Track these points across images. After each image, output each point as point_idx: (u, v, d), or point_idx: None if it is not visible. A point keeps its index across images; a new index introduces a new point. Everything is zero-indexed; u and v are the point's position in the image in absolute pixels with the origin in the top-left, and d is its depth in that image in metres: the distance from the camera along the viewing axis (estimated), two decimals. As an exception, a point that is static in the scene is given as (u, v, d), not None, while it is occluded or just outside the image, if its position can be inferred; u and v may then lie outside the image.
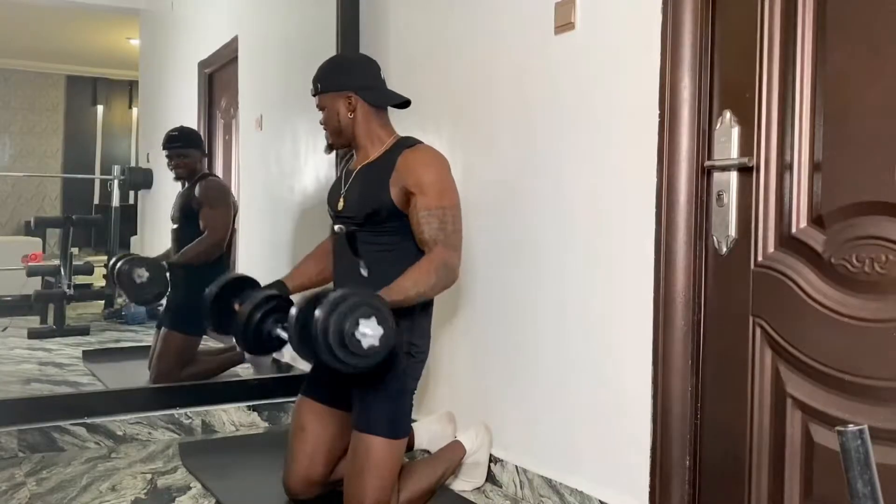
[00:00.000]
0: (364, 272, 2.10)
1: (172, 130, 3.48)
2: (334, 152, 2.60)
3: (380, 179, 2.07)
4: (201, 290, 3.31)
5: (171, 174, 3.45)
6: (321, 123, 2.20)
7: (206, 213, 3.35)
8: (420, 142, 2.15)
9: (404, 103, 2.21)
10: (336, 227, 2.17)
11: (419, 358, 2.12)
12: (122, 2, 4.38)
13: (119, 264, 3.15)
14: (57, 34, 4.42)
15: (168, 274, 3.18)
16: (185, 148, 3.43)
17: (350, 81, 2.15)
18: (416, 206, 2.02)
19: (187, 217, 3.37)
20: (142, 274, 3.09)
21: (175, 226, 3.44)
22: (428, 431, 2.45)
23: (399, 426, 2.06)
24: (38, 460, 2.53)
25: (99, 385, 3.35)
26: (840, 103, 1.57)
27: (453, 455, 2.30)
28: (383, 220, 2.07)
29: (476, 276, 2.48)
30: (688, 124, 1.83)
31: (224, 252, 3.45)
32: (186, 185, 3.42)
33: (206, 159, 3.62)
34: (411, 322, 2.07)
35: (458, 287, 2.53)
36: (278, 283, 2.25)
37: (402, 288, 1.93)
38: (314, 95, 2.18)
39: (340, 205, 2.17)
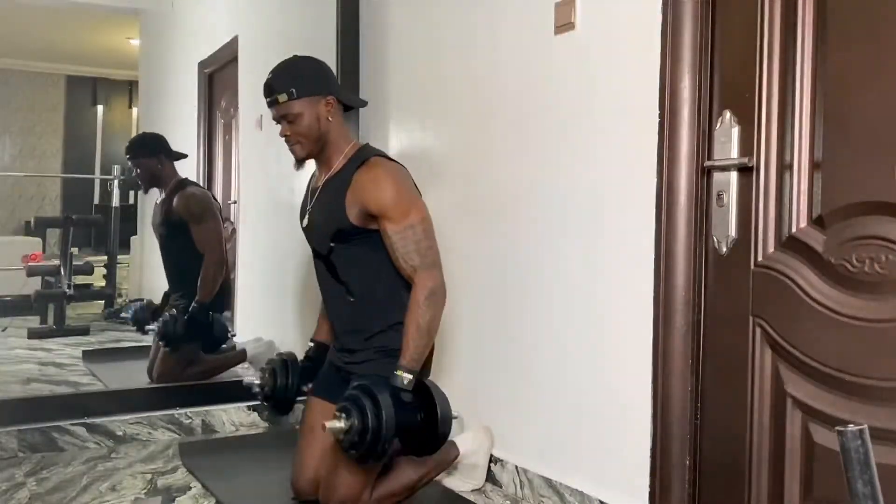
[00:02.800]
0: (351, 298, 2.13)
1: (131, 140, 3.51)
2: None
3: (338, 196, 2.08)
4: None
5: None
6: (289, 134, 2.13)
7: (197, 230, 3.32)
8: (375, 153, 2.14)
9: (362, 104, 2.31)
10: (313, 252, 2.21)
11: None
12: (122, 2, 4.38)
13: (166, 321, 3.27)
14: (57, 34, 4.42)
15: (194, 313, 3.27)
16: (138, 158, 3.40)
17: (327, 84, 2.15)
18: (385, 230, 2.03)
19: (172, 230, 3.36)
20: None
21: (161, 241, 3.44)
22: None
23: None
24: (38, 460, 2.53)
25: (99, 385, 3.35)
26: (840, 103, 1.57)
27: (442, 455, 2.28)
28: (349, 238, 2.08)
29: (475, 277, 2.48)
30: (688, 124, 1.83)
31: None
32: (162, 193, 3.41)
33: (170, 164, 3.49)
34: (400, 327, 2.08)
35: (458, 287, 2.52)
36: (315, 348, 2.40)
37: (412, 351, 1.97)
38: (285, 102, 2.09)
39: (306, 222, 2.20)
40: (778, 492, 1.68)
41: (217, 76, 4.08)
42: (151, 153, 3.41)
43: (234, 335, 3.53)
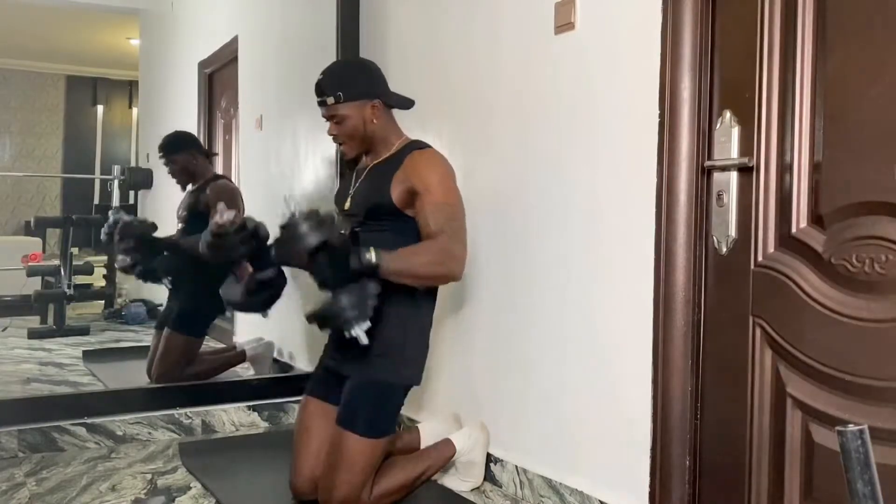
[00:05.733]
0: None
1: (164, 137, 3.47)
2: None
3: (385, 176, 2.10)
4: (202, 292, 3.33)
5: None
6: (337, 134, 2.16)
7: None
8: (430, 146, 2.19)
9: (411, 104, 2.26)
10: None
11: (410, 365, 2.12)
12: (122, 2, 4.38)
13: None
14: (57, 34, 4.42)
15: (168, 256, 3.22)
16: (171, 155, 3.40)
17: (374, 88, 2.17)
18: (423, 203, 2.04)
19: (195, 217, 3.35)
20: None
21: (181, 225, 3.43)
22: (433, 431, 2.44)
23: (377, 426, 2.07)
24: (38, 460, 2.53)
25: (99, 385, 3.35)
26: (840, 103, 1.57)
27: (439, 453, 2.29)
28: (382, 217, 2.09)
29: (476, 276, 2.48)
30: (688, 124, 1.83)
31: None
32: (194, 186, 3.41)
33: (208, 160, 3.56)
34: (402, 326, 2.08)
35: (459, 286, 2.52)
36: None
37: (397, 258, 1.94)
38: (332, 104, 2.12)
39: (347, 204, 2.20)
40: (778, 492, 1.68)
41: (217, 76, 4.08)
42: (184, 149, 3.42)
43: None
